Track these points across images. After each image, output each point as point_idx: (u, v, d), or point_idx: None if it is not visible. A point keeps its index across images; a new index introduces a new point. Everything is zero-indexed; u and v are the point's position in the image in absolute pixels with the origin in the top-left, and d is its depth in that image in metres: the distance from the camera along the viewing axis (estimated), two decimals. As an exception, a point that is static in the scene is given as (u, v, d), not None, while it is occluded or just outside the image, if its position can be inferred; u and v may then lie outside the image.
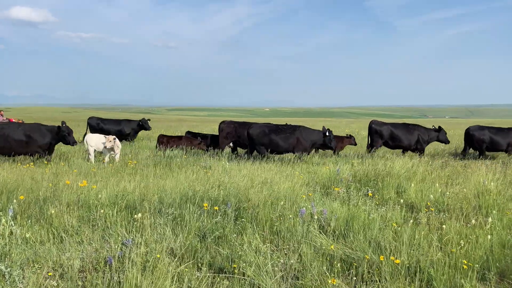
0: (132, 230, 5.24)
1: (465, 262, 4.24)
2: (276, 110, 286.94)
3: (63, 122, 11.39)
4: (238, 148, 14.64)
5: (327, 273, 4.09)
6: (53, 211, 5.58)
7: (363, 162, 10.73)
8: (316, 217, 5.63)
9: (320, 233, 5.21)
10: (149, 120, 18.91)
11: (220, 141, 14.07)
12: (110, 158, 11.71)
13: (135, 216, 5.44)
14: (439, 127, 14.46)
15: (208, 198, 6.39)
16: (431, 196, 7.07)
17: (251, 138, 12.69)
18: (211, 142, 14.69)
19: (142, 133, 20.03)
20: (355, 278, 4.15)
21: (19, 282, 3.90)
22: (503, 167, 10.77)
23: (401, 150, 14.47)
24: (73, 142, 11.16)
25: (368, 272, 4.26)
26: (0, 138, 10.61)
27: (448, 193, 7.31)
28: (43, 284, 3.87)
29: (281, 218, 5.71)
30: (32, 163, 9.95)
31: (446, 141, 14.61)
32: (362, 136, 23.48)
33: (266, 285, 3.94)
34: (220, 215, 5.65)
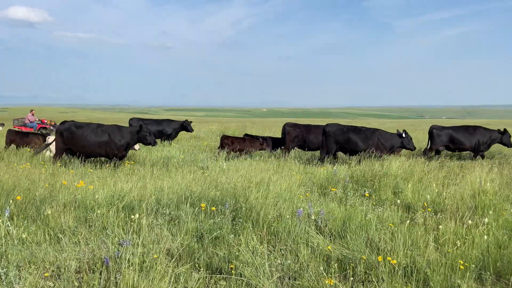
0: (129, 231, 5.23)
1: (462, 262, 4.26)
2: (274, 110, 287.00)
3: (141, 124, 11.23)
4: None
5: (324, 274, 4.10)
6: (49, 212, 5.56)
7: (360, 162, 10.75)
8: (313, 217, 5.64)
9: (317, 233, 5.22)
10: (191, 122, 18.77)
11: (287, 143, 14.01)
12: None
13: (132, 216, 5.43)
14: (504, 129, 14.15)
15: (205, 198, 6.39)
16: (428, 196, 7.09)
17: (328, 136, 12.50)
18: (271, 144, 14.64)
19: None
20: (352, 278, 4.16)
21: (16, 283, 3.89)
22: (499, 168, 10.81)
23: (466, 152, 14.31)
24: (154, 142, 11.00)
25: (365, 272, 4.27)
26: (80, 139, 10.46)
27: (444, 193, 7.33)
28: (40, 285, 3.85)
29: (279, 218, 5.71)
30: (28, 164, 9.91)
31: (510, 145, 14.13)
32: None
33: (263, 285, 3.94)
34: (218, 216, 5.65)
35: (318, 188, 8.17)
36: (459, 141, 13.88)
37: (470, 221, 5.70)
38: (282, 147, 14.33)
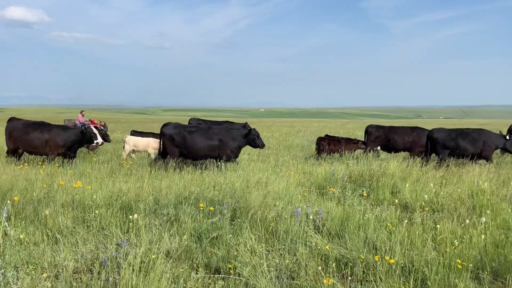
0: (127, 231, 5.22)
1: (459, 261, 4.27)
2: (272, 110, 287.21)
3: (251, 127, 11.11)
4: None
5: (322, 273, 4.11)
6: (47, 212, 5.54)
7: (358, 162, 10.77)
8: (311, 217, 5.65)
9: (316, 233, 5.22)
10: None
11: (368, 144, 13.97)
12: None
13: (131, 217, 5.43)
14: None
15: (203, 198, 6.39)
16: (426, 196, 7.10)
17: (435, 142, 12.42)
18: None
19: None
20: (350, 278, 4.16)
21: (13, 284, 3.87)
22: (496, 168, 10.85)
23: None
24: (262, 145, 10.98)
25: (363, 271, 4.28)
26: (193, 142, 10.45)
27: (442, 193, 7.35)
28: (38, 285, 3.84)
29: (277, 218, 5.71)
30: (26, 164, 9.89)
31: None
32: (357, 136, 23.62)
33: (261, 285, 3.94)
34: (216, 216, 5.65)
35: (316, 188, 8.17)
36: None
37: (467, 221, 5.72)
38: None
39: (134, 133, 15.38)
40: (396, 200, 7.06)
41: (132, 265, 3.96)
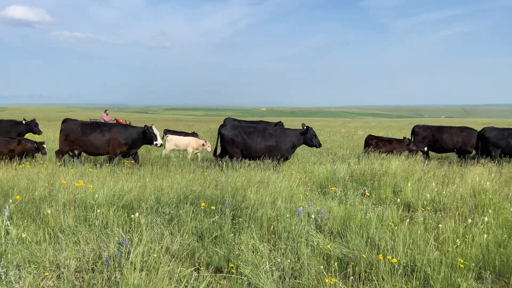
0: (129, 230, 5.22)
1: (462, 261, 4.26)
2: (273, 110, 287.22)
3: (304, 125, 11.16)
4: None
5: (324, 272, 4.10)
6: (49, 211, 5.54)
7: (360, 161, 10.75)
8: (313, 216, 5.64)
9: (317, 232, 5.21)
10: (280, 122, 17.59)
11: (416, 144, 13.89)
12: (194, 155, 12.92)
13: (132, 215, 5.42)
14: None
15: (205, 197, 6.39)
16: (428, 195, 7.09)
17: (488, 141, 12.44)
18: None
19: None
20: (352, 277, 4.15)
21: (15, 283, 3.88)
22: (498, 167, 10.83)
23: None
24: (319, 144, 11.12)
25: (365, 271, 4.27)
26: (253, 143, 10.63)
27: (444, 192, 7.33)
28: (40, 285, 3.84)
29: (278, 217, 5.71)
30: (28, 163, 9.89)
31: None
32: (358, 135, 23.76)
33: (263, 284, 3.94)
34: (217, 215, 5.65)
35: (317, 187, 8.16)
36: None
37: (470, 220, 5.70)
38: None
39: (167, 132, 15.83)
40: (398, 199, 7.04)
41: (134, 264, 3.96)
